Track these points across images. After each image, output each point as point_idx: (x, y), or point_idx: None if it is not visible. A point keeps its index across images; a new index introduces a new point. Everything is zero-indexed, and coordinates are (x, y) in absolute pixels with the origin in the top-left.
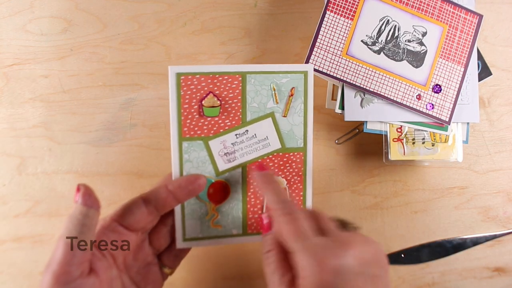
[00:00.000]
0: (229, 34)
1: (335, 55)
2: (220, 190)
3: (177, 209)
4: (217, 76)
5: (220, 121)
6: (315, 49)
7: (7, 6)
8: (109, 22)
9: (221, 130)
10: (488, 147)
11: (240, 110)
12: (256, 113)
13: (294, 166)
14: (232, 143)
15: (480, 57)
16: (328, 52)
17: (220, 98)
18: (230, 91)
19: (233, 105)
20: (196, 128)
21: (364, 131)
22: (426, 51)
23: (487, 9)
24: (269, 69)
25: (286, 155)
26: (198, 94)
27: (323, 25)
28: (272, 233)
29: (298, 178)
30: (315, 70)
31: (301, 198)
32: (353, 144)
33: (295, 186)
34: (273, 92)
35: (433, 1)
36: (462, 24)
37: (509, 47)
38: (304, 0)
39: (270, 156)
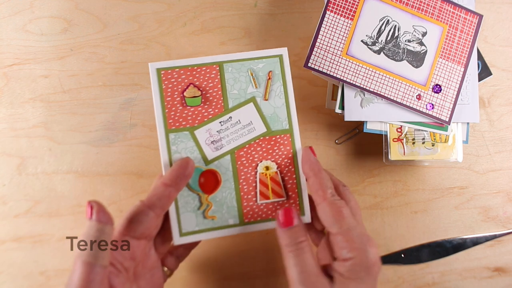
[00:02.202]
0: (229, 34)
1: (335, 55)
2: (211, 179)
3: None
4: (195, 68)
5: (203, 111)
6: (315, 49)
7: (7, 6)
8: (109, 22)
9: (205, 119)
10: (488, 147)
11: (222, 98)
12: (237, 100)
13: (282, 149)
14: (217, 131)
15: (480, 57)
16: (328, 52)
17: (201, 88)
18: (210, 80)
19: (214, 94)
20: (181, 119)
21: (364, 131)
22: (426, 51)
23: (487, 9)
24: (244, 57)
25: (273, 138)
26: (179, 86)
27: (323, 25)
28: (298, 226)
29: (289, 161)
30: (315, 70)
31: (295, 180)
32: (353, 144)
33: (286, 169)
34: (251, 77)
35: (433, 1)
36: (462, 24)
37: (509, 47)
38: (304, 0)
39: (257, 141)
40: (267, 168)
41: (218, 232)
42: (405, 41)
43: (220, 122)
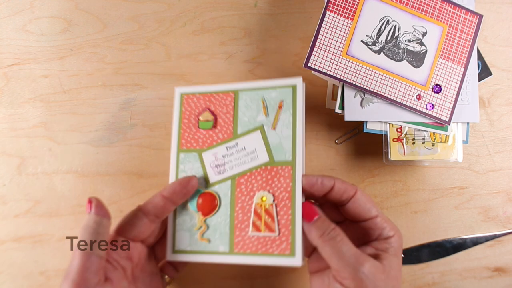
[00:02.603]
0: (229, 34)
1: (335, 55)
2: (209, 201)
3: (170, 219)
4: (213, 94)
5: (213, 135)
6: (315, 49)
7: (7, 6)
8: (109, 22)
9: (214, 143)
10: (488, 147)
11: (232, 124)
12: (246, 127)
13: (282, 181)
14: (223, 155)
15: (480, 57)
16: (328, 52)
17: (215, 113)
18: (224, 106)
19: (226, 119)
20: (192, 141)
21: (364, 131)
22: (426, 51)
23: (487, 9)
24: (260, 85)
25: (274, 169)
26: (197, 110)
27: (323, 25)
28: (322, 216)
29: (287, 195)
30: (315, 70)
31: (290, 216)
32: (353, 144)
33: (283, 203)
34: (262, 105)
35: (433, 1)
36: (462, 24)
37: (509, 47)
38: (304, 0)
39: (259, 170)
40: (263, 199)
41: (207, 257)
42: (405, 41)
43: (226, 147)
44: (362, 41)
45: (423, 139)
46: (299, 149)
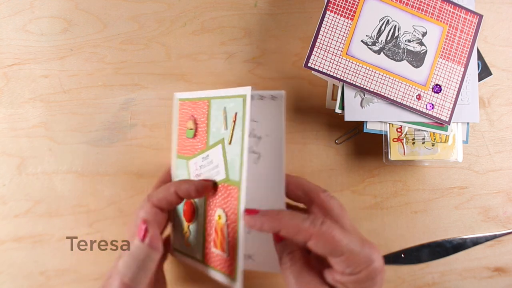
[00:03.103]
0: (229, 34)
1: (335, 55)
2: (190, 210)
3: (171, 218)
4: (196, 101)
5: (195, 144)
6: (315, 49)
7: (7, 6)
8: (109, 22)
9: (195, 152)
10: (488, 147)
11: (206, 134)
12: (214, 138)
13: (233, 202)
14: (199, 166)
15: (480, 57)
16: (328, 52)
17: (197, 122)
18: (202, 115)
19: (202, 129)
20: (182, 148)
21: (364, 131)
22: (426, 51)
23: (487, 9)
24: (224, 94)
25: (229, 187)
26: (186, 117)
27: (323, 25)
28: (284, 241)
29: (235, 217)
30: (315, 70)
31: (236, 240)
32: (353, 144)
33: (233, 224)
34: (223, 117)
35: (433, 1)
36: (462, 24)
37: (509, 47)
38: (304, 0)
39: (220, 186)
40: (219, 217)
41: (190, 261)
42: (405, 41)
43: (202, 158)
44: (362, 41)
45: (423, 139)
46: (244, 169)
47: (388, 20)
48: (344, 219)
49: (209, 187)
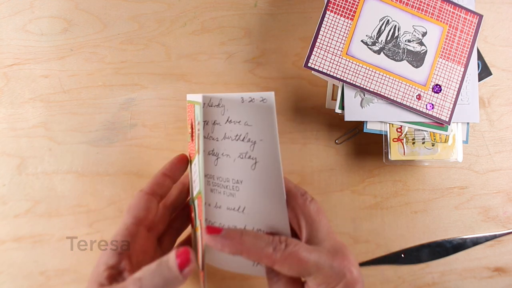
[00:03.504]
0: (229, 34)
1: (335, 55)
2: (190, 216)
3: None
4: (189, 104)
5: (191, 148)
6: (315, 49)
7: (7, 6)
8: (109, 22)
9: (192, 157)
10: (488, 147)
11: (196, 141)
12: (197, 145)
13: (200, 214)
14: (193, 171)
15: (480, 57)
16: (328, 52)
17: (192, 126)
18: (194, 119)
19: (195, 134)
20: (189, 151)
21: (364, 131)
22: (426, 51)
23: (487, 9)
24: (194, 99)
25: (199, 199)
26: (189, 120)
27: (323, 25)
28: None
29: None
30: (315, 70)
31: (202, 257)
32: (353, 144)
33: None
34: (193, 125)
35: (433, 1)
36: (462, 24)
37: (509, 47)
38: (304, 0)
39: (199, 196)
40: (198, 229)
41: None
42: (405, 41)
43: (194, 164)
44: (362, 41)
45: (423, 139)
46: (202, 182)
47: (388, 20)
48: (320, 225)
49: (184, 157)
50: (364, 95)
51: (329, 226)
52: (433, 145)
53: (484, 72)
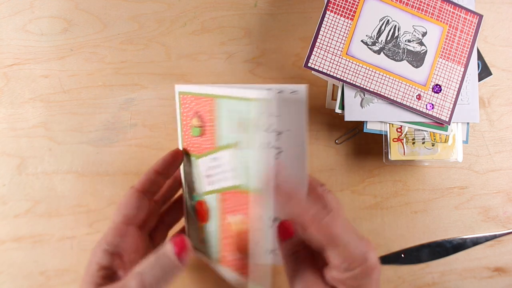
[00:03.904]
0: (229, 34)
1: (335, 55)
2: (202, 211)
3: (184, 215)
4: (201, 97)
5: (202, 143)
6: (315, 49)
7: (7, 6)
8: (109, 22)
9: (204, 151)
10: (488, 147)
11: (214, 135)
12: (225, 140)
13: (250, 208)
14: (210, 167)
15: (480, 57)
16: (328, 52)
17: (203, 119)
18: (208, 113)
19: (210, 128)
20: (190, 145)
21: (364, 131)
22: (426, 51)
23: (487, 9)
24: (237, 94)
25: (245, 195)
26: (190, 113)
27: (323, 25)
28: (295, 238)
29: (253, 222)
30: (315, 70)
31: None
32: (353, 144)
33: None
34: (239, 120)
35: (433, 1)
36: (462, 24)
37: (509, 47)
38: (304, 0)
39: (236, 190)
40: (238, 221)
41: (205, 258)
42: (405, 41)
43: (211, 159)
44: (362, 41)
45: (423, 139)
46: (265, 177)
47: (388, 20)
48: (340, 215)
49: (180, 152)
50: (364, 95)
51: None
52: (433, 145)
53: (484, 72)
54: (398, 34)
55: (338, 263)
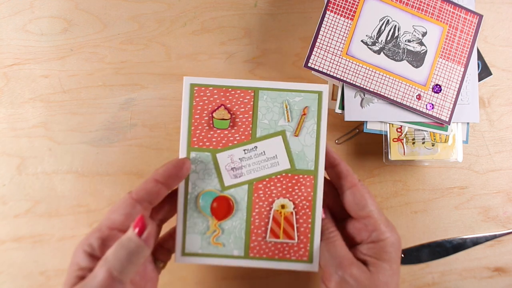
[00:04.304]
0: (229, 34)
1: (335, 55)
2: (224, 206)
3: (179, 221)
4: (230, 89)
5: (229, 135)
6: (315, 49)
7: (7, 6)
8: (109, 22)
9: (230, 144)
10: (488, 147)
11: (250, 126)
12: (266, 130)
13: (303, 190)
14: (239, 158)
15: (480, 57)
16: (328, 52)
17: (231, 112)
18: (242, 105)
19: (244, 119)
20: (205, 140)
21: (364, 131)
22: (426, 51)
23: (487, 9)
24: (282, 87)
25: (296, 177)
26: (210, 106)
27: (323, 25)
28: (326, 218)
29: (307, 203)
30: (315, 70)
31: (309, 225)
32: (353, 144)
33: (303, 211)
34: (286, 110)
35: (433, 1)
36: (462, 24)
37: (509, 47)
38: (304, 0)
39: (278, 176)
40: (283, 206)
41: (220, 260)
42: (405, 41)
43: (244, 150)
44: (362, 41)
45: (423, 139)
46: (321, 159)
47: (388, 20)
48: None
49: (187, 162)
50: (364, 95)
51: None
52: (433, 145)
53: (484, 72)
54: (398, 34)
55: (370, 230)
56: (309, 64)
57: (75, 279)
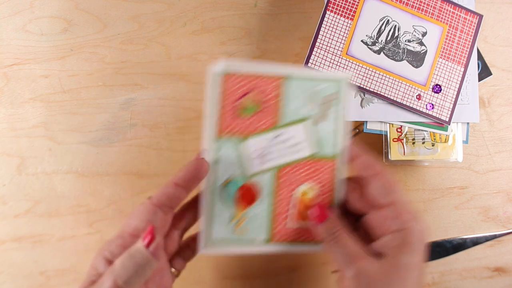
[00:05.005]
0: (229, 34)
1: (335, 55)
2: (248, 194)
3: (204, 211)
4: (257, 77)
5: (255, 122)
6: (315, 49)
7: (7, 6)
8: (109, 22)
9: (255, 131)
10: (488, 147)
11: (277, 113)
12: (291, 117)
13: (326, 176)
14: (265, 145)
15: (480, 57)
16: (328, 52)
17: (259, 99)
18: (269, 92)
19: (270, 106)
20: (230, 127)
21: (364, 131)
22: (426, 51)
23: (487, 9)
24: (308, 75)
25: (319, 163)
26: (237, 92)
27: (323, 25)
28: (332, 218)
29: (330, 188)
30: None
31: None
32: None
33: (325, 196)
34: (310, 97)
35: (433, 1)
36: (462, 24)
37: (509, 47)
38: (304, 0)
39: (303, 162)
40: (305, 192)
41: (244, 248)
42: (405, 41)
43: (269, 137)
44: (362, 41)
45: (423, 139)
46: (344, 144)
47: (388, 20)
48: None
49: (206, 162)
50: (364, 95)
51: None
52: (433, 145)
53: (484, 72)
54: (398, 34)
55: (392, 218)
56: (309, 64)
57: (89, 283)
